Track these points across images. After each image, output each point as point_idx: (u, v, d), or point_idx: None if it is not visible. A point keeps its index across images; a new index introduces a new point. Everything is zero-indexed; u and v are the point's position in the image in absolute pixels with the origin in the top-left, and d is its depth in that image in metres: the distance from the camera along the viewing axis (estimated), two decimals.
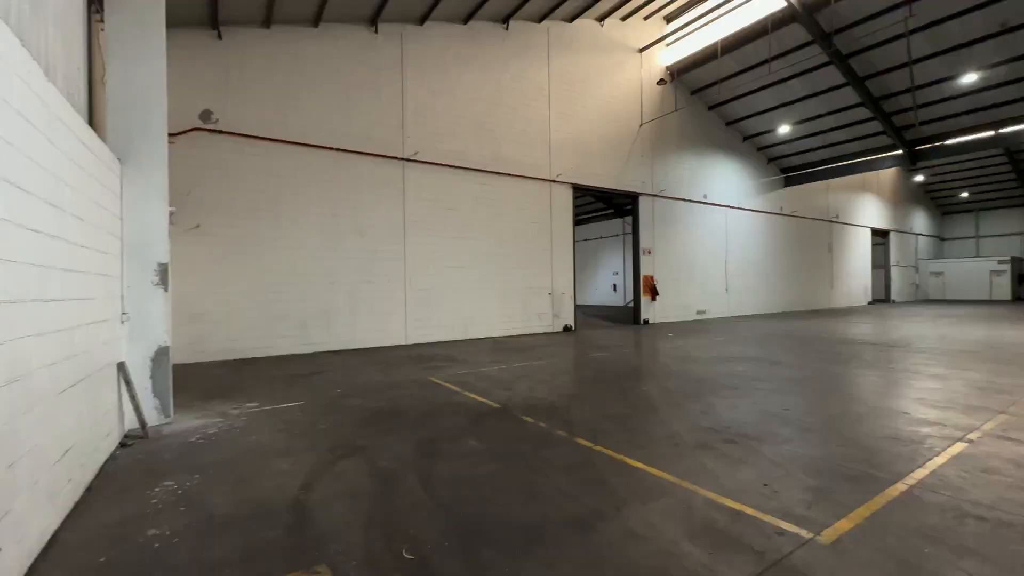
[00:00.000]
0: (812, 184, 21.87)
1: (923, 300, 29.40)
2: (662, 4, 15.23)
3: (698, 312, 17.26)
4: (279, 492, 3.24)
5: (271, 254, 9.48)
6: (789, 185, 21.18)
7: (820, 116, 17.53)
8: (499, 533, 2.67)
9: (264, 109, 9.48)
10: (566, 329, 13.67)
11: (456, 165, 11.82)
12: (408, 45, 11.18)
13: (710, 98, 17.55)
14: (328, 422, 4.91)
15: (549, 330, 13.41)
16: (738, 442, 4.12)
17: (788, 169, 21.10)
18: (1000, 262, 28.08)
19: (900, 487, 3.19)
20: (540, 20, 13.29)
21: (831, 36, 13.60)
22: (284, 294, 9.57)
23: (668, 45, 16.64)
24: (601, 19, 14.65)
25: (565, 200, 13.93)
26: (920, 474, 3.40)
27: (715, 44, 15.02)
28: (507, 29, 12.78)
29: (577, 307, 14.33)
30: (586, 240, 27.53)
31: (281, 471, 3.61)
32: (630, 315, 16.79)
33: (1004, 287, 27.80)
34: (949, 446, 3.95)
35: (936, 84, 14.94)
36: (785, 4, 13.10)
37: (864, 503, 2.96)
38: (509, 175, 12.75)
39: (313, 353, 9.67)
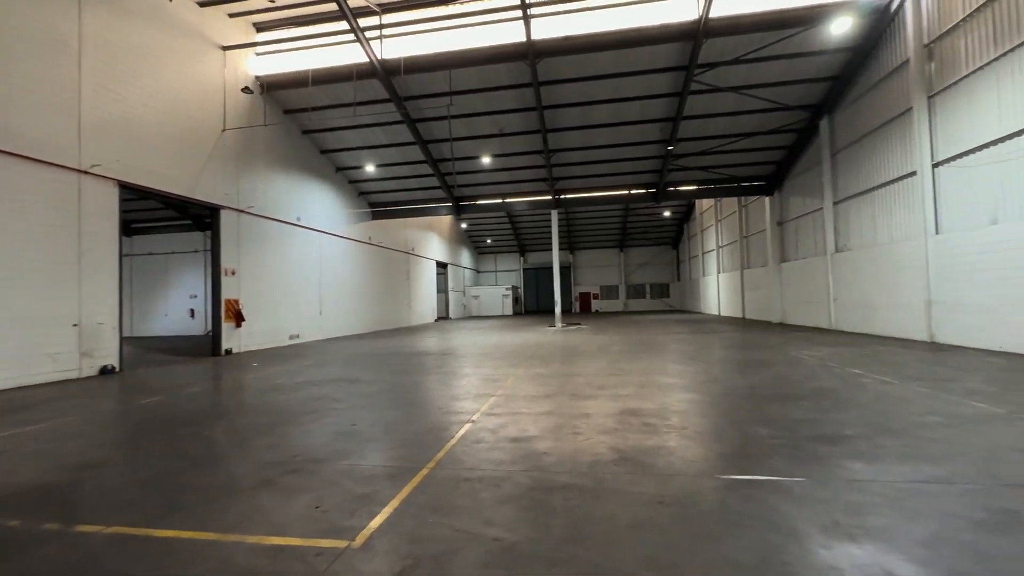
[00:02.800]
0: (394, 219, 25.60)
1: (469, 316, 39.46)
2: (249, 9, 14.27)
3: (291, 337, 16.74)
4: None
5: None
6: (377, 218, 23.97)
7: (398, 164, 20.80)
8: None
9: None
10: (104, 371, 10.24)
11: None
12: None
13: (303, 122, 17.71)
14: None
15: (73, 375, 9.68)
16: (301, 470, 4.10)
17: (376, 204, 23.87)
18: (507, 289, 41.37)
19: (424, 472, 3.97)
20: None
21: (403, 100, 16.46)
22: None
23: (258, 55, 15.72)
24: None
25: (107, 200, 10.59)
26: (439, 456, 4.36)
27: (307, 72, 15.32)
28: None
29: (132, 340, 11.04)
30: (151, 255, 21.98)
31: None
32: (210, 345, 14.41)
33: (509, 306, 41.10)
34: (459, 429, 5.28)
35: (470, 159, 20.57)
36: (367, 60, 14.88)
37: (396, 496, 3.49)
38: None
39: None
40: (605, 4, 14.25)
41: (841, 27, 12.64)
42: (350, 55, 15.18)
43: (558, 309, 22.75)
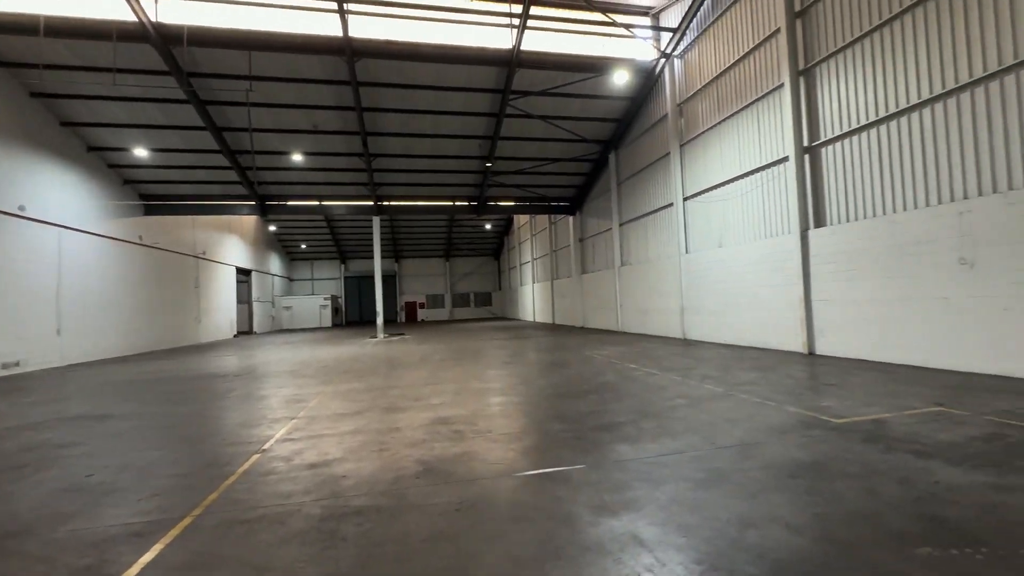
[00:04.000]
0: (179, 217, 21.35)
1: (278, 330, 35.17)
2: None
3: (4, 366, 12.41)
4: None
5: None
6: (151, 214, 19.63)
7: (182, 151, 17.44)
8: None
9: None
10: None
11: None
12: None
13: (31, 81, 13.48)
14: None
15: None
16: None
17: (150, 196, 19.55)
18: (325, 299, 38.18)
19: (185, 523, 3.28)
20: None
21: (189, 76, 13.88)
22: None
23: None
24: None
25: None
26: (211, 498, 3.67)
27: (38, 17, 11.73)
28: None
29: None
30: None
31: None
32: None
33: (327, 317, 37.95)
34: (245, 462, 4.56)
35: (278, 155, 18.41)
36: (136, 21, 12.13)
37: (137, 561, 2.79)
38: None
39: None
40: (427, 16, 14.42)
41: (621, 79, 15.17)
42: (110, 7, 12.16)
43: (380, 319, 21.92)
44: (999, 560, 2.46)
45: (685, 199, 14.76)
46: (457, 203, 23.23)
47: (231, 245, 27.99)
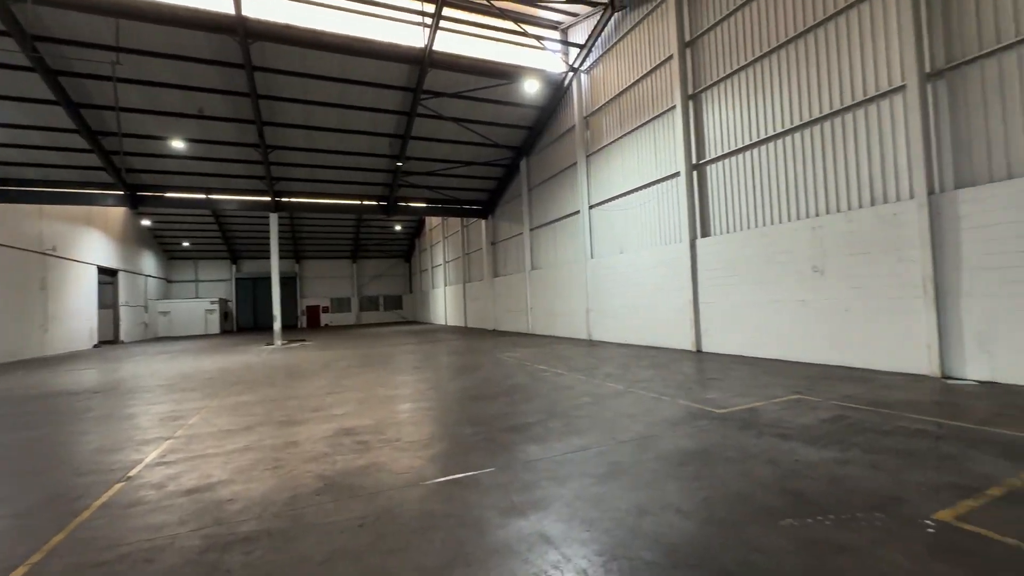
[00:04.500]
0: (19, 206, 17.91)
1: (152, 338, 30.96)
2: None
3: None
4: None
5: None
6: None
7: (24, 128, 14.68)
8: None
9: None
10: None
11: None
12: None
13: None
14: None
15: None
16: None
17: None
18: (212, 303, 34.38)
19: (18, 573, 2.73)
20: None
21: (34, 39, 11.74)
22: None
23: None
24: None
25: None
26: (56, 540, 3.09)
27: None
28: None
29: None
30: None
31: None
32: None
33: (215, 323, 34.20)
34: (104, 492, 3.92)
35: (154, 139, 16.24)
36: None
37: None
38: None
39: None
40: (332, 4, 13.67)
41: (532, 88, 15.62)
42: None
43: (278, 324, 20.25)
44: (842, 524, 2.88)
45: (591, 207, 15.56)
46: (366, 203, 22.25)
47: (91, 241, 24.08)
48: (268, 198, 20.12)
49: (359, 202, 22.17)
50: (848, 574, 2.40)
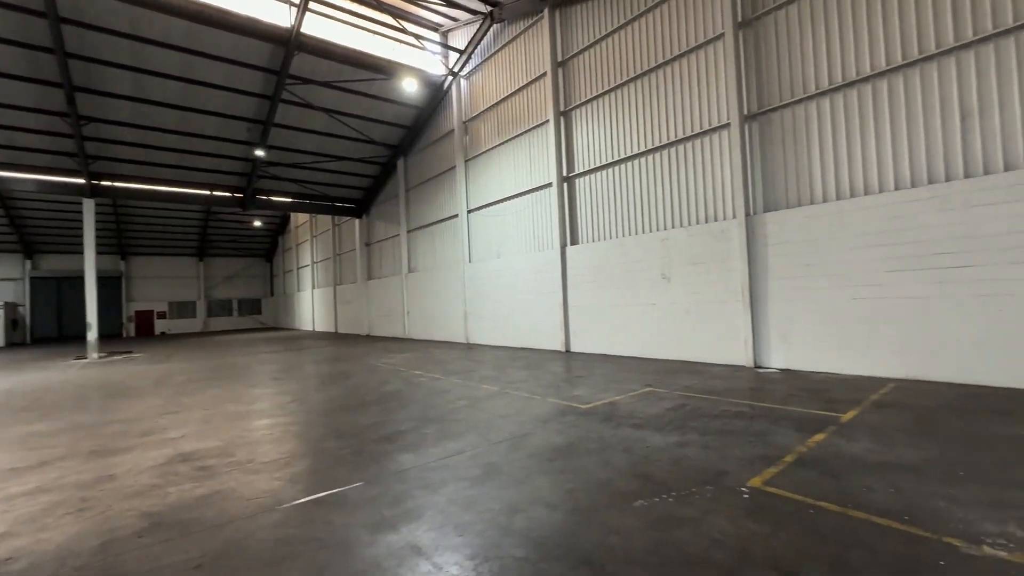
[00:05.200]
0: None
1: None
2: None
3: None
4: None
5: None
6: None
7: None
8: None
9: None
10: None
11: None
12: None
13: None
14: None
15: None
16: None
17: None
18: None
19: None
20: None
21: None
22: None
23: None
24: None
25: None
26: None
27: None
28: None
29: None
30: None
31: None
32: None
33: (0, 332, 27.01)
34: None
35: None
36: None
37: None
38: None
39: None
40: None
41: (410, 86, 15.28)
42: None
43: (93, 334, 16.70)
44: (682, 500, 3.29)
45: (469, 211, 15.71)
46: (216, 193, 19.54)
47: None
48: (82, 180, 16.54)
49: (208, 192, 19.40)
50: (687, 544, 2.74)
